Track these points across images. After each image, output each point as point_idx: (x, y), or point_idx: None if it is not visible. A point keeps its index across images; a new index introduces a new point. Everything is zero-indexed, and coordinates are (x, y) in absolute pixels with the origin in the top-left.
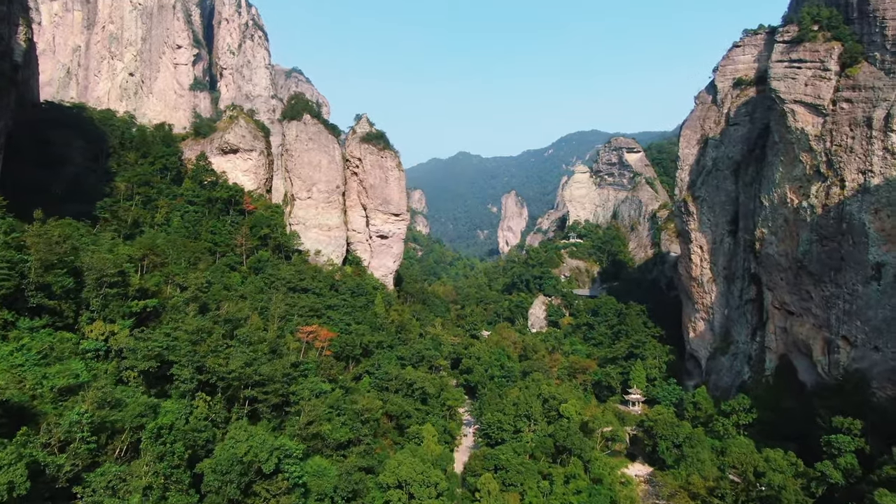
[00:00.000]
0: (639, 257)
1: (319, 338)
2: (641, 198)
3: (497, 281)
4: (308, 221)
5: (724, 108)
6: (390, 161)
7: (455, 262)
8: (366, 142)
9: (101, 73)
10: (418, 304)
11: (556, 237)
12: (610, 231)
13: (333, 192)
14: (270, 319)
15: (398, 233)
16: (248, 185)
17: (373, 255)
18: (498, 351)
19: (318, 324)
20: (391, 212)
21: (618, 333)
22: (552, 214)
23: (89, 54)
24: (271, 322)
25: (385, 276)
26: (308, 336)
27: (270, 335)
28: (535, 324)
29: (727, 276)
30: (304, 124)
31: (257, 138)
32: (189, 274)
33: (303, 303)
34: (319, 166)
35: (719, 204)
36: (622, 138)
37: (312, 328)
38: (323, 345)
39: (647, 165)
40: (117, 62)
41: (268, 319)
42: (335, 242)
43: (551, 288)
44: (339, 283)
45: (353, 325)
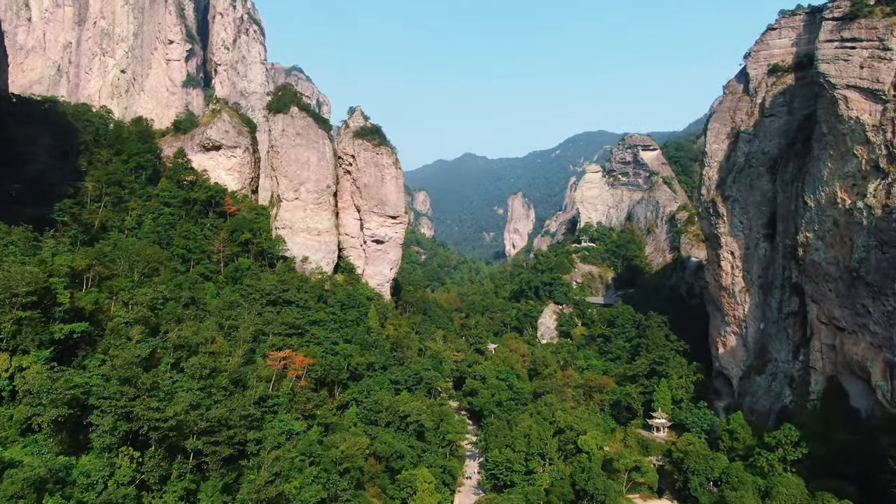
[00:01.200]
0: (656, 262)
1: (294, 364)
2: (658, 198)
3: (504, 287)
4: (295, 225)
5: (757, 97)
6: (386, 158)
7: (460, 265)
8: (359, 137)
9: (92, 70)
10: (418, 314)
11: (567, 240)
12: (624, 234)
13: (323, 192)
14: (237, 341)
15: (395, 237)
16: (231, 184)
17: (367, 262)
18: (506, 370)
19: (299, 343)
20: (387, 214)
21: (637, 347)
22: (560, 216)
23: (80, 51)
24: (237, 345)
25: (381, 284)
26: (279, 364)
27: (233, 363)
28: (546, 334)
29: (763, 286)
30: (292, 117)
31: (242, 134)
32: (139, 289)
33: (283, 318)
34: (308, 164)
35: (753, 204)
36: (637, 135)
37: (285, 353)
38: (298, 373)
39: (663, 164)
40: (109, 59)
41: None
42: (325, 248)
43: (562, 295)
44: (327, 293)
45: (341, 343)
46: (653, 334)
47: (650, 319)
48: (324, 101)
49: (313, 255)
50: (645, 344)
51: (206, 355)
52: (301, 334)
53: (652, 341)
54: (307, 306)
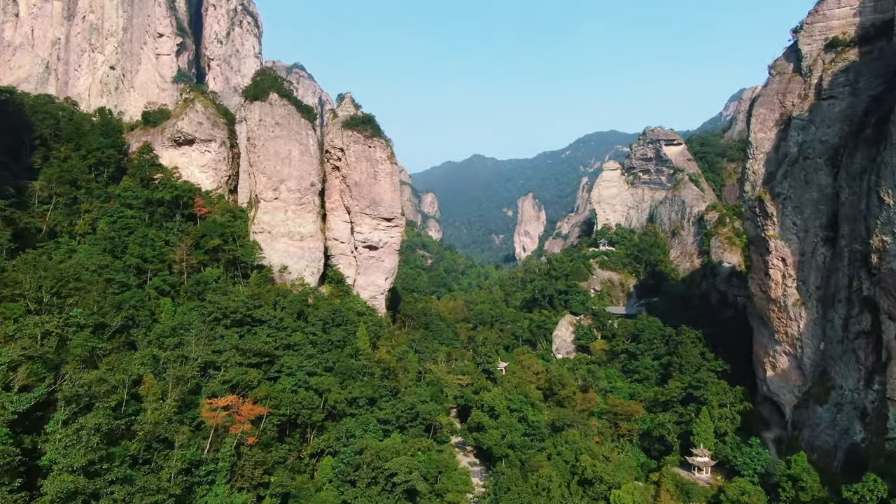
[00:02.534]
0: (683, 268)
1: (241, 415)
2: (684, 197)
3: (515, 295)
4: (274, 229)
5: (812, 77)
6: (380, 151)
7: (468, 270)
8: (349, 128)
9: (81, 67)
10: (419, 330)
11: (582, 244)
12: (647, 237)
13: (307, 191)
14: (171, 381)
15: (391, 242)
16: (206, 183)
17: (359, 271)
18: (518, 398)
19: (261, 377)
20: (381, 216)
21: (668, 367)
22: (573, 218)
23: (69, 47)
24: (171, 386)
25: (374, 297)
26: (216, 417)
27: (157, 414)
28: (561, 348)
29: (823, 299)
30: (270, 105)
31: (217, 126)
32: (33, 317)
33: (246, 344)
34: (289, 158)
35: (809, 203)
36: (659, 129)
37: (227, 400)
38: (243, 428)
39: (689, 160)
40: (98, 55)
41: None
42: (309, 255)
43: (579, 305)
44: (309, 309)
45: (320, 373)
46: (686, 352)
47: (682, 334)
48: (326, 99)
49: (295, 264)
50: (677, 363)
51: (103, 411)
52: (270, 362)
53: (685, 360)
54: (282, 326)
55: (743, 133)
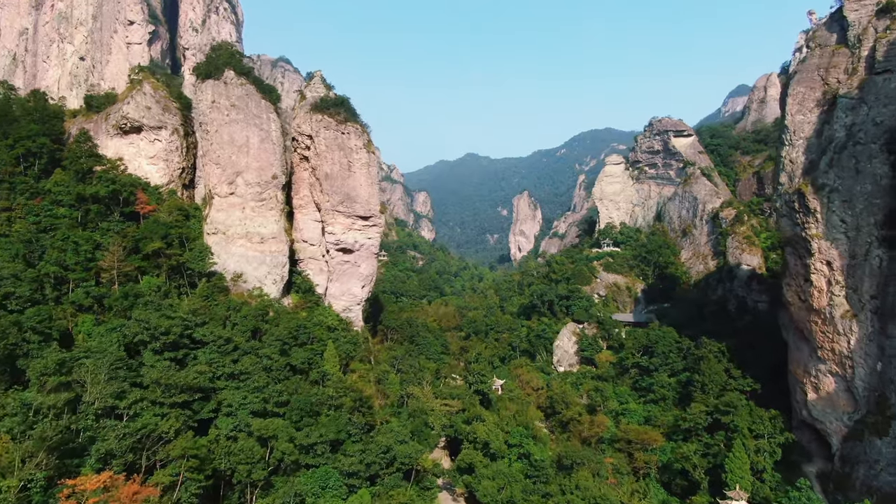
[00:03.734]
0: (696, 270)
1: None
2: (696, 193)
3: (511, 301)
4: (230, 229)
5: (861, 49)
6: (355, 139)
7: (461, 272)
8: (319, 111)
9: (50, 58)
10: (404, 343)
11: (584, 244)
12: (655, 237)
13: (268, 184)
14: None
15: (368, 244)
16: (155, 177)
17: (331, 279)
18: (518, 432)
19: (185, 420)
20: (357, 213)
21: (687, 385)
22: (570, 217)
23: (37, 38)
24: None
25: (349, 308)
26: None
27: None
28: (563, 360)
29: (879, 310)
30: (225, 84)
31: (169, 111)
32: None
33: (173, 378)
34: (246, 147)
35: (862, 196)
36: (667, 119)
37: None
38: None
39: (700, 153)
40: (67, 45)
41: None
42: (270, 260)
43: (582, 311)
44: (267, 326)
45: (271, 409)
46: (709, 369)
47: (703, 348)
48: None
49: (254, 271)
50: (699, 382)
51: None
52: (205, 398)
53: (708, 378)
54: (228, 349)
55: (758, 124)
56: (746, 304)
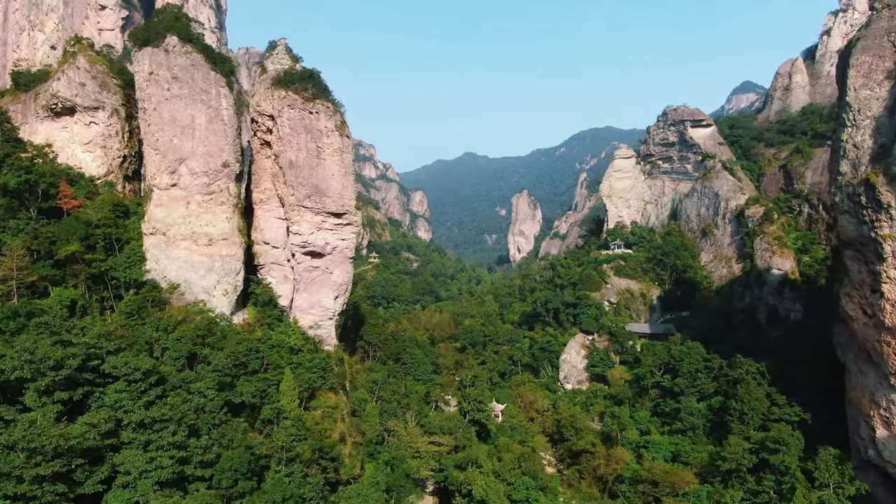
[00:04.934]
0: (718, 275)
1: None
2: (717, 189)
3: (512, 308)
4: (172, 229)
5: None
6: (325, 120)
7: (458, 274)
8: (282, 86)
9: (20, 47)
10: (388, 362)
11: (590, 245)
12: (672, 238)
13: (218, 174)
14: None
15: (342, 246)
16: (91, 166)
17: (297, 288)
18: (524, 484)
19: None
20: (328, 210)
21: (720, 412)
22: (571, 216)
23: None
24: None
25: (318, 323)
26: None
27: None
28: (571, 376)
29: None
30: (166, 52)
31: (108, 89)
32: None
33: (44, 438)
34: (192, 128)
35: None
36: (683, 108)
37: None
38: None
39: (720, 144)
40: (38, 33)
41: None
42: (221, 267)
43: (591, 321)
44: (207, 351)
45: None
46: (748, 394)
47: (738, 368)
48: None
49: (201, 280)
50: (737, 410)
51: None
52: (98, 459)
53: (748, 405)
54: (145, 386)
55: (782, 113)
56: (778, 313)
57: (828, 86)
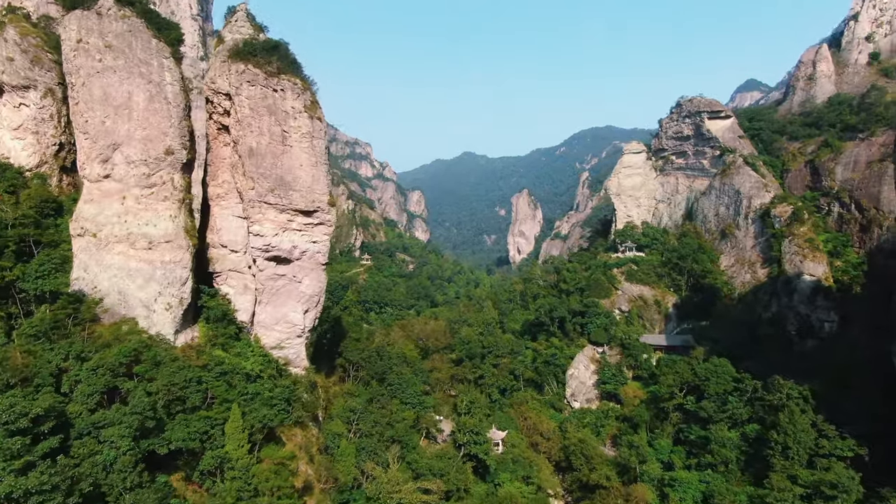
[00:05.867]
0: (740, 281)
1: None
2: (738, 186)
3: (513, 315)
4: (104, 229)
5: None
6: (292, 99)
7: (455, 276)
8: (241, 59)
9: None
10: (372, 383)
11: (597, 247)
12: (688, 240)
13: (161, 163)
14: None
15: (313, 250)
16: (21, 156)
17: (260, 300)
18: None
19: None
20: (295, 206)
21: (757, 443)
22: (573, 216)
23: None
24: None
25: (285, 342)
26: None
27: None
28: (579, 393)
29: None
30: (99, 16)
31: (41, 65)
32: None
33: None
34: (128, 108)
35: None
36: (700, 98)
37: None
38: None
39: (740, 138)
40: None
41: None
42: (163, 275)
43: (601, 331)
44: (129, 385)
45: None
46: (792, 424)
47: (778, 391)
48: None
49: (139, 291)
50: (778, 443)
51: None
52: None
53: (792, 437)
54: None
55: (807, 105)
56: (811, 323)
57: (856, 75)
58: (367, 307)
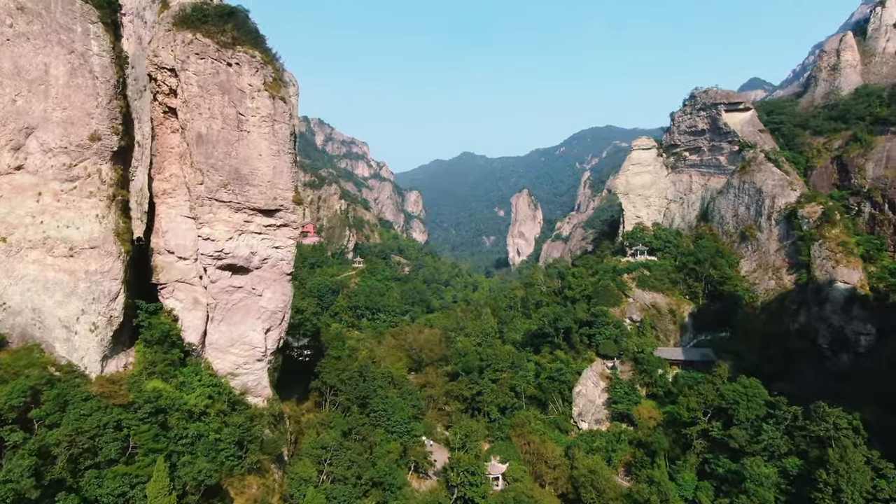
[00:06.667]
0: (764, 288)
1: None
2: (760, 184)
3: (513, 324)
4: (16, 232)
5: None
6: (249, 76)
7: (452, 279)
8: (189, 27)
9: None
10: (353, 409)
11: (603, 250)
12: (705, 243)
13: (85, 152)
14: None
15: (276, 257)
16: None
17: (212, 318)
18: None
19: None
20: (254, 205)
21: (801, 482)
22: (575, 217)
23: None
24: None
25: (242, 367)
26: None
27: None
28: (587, 413)
29: None
30: None
31: None
32: None
33: None
34: (45, 84)
35: None
36: (715, 90)
37: None
38: None
39: (761, 132)
40: None
41: None
42: (88, 290)
43: (611, 344)
44: (41, 426)
45: None
46: (844, 462)
47: (822, 419)
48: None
49: (58, 308)
50: (829, 483)
51: None
52: None
53: (844, 478)
54: None
55: (831, 97)
56: (845, 336)
57: (884, 64)
58: (358, 313)
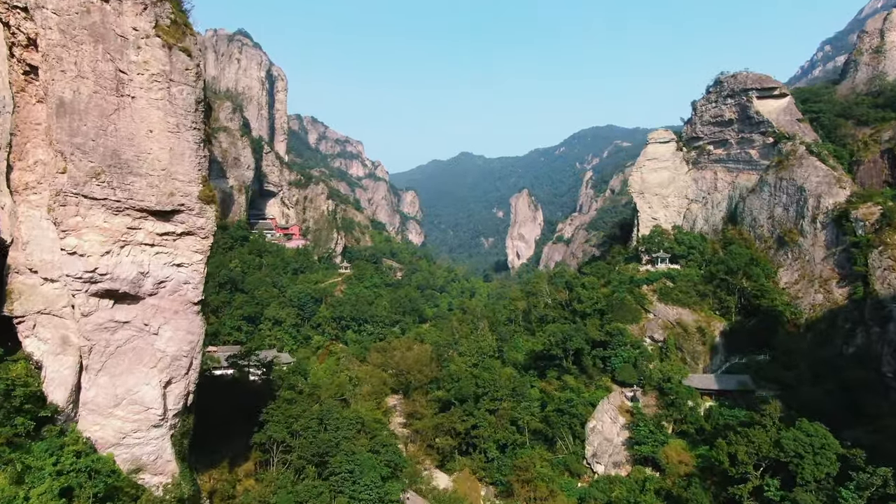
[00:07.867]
0: (808, 302)
1: None
2: (803, 182)
3: (514, 340)
4: None
5: None
6: (133, 15)
7: (448, 285)
8: None
9: None
10: (306, 471)
11: (613, 256)
12: (737, 250)
13: None
14: None
15: (179, 279)
16: None
17: (88, 366)
18: None
19: None
20: (141, 203)
21: None
22: (577, 219)
23: None
24: None
25: (132, 436)
26: None
27: None
28: (603, 454)
29: None
30: None
31: None
32: None
33: None
34: None
35: None
36: (746, 73)
37: None
38: None
39: (800, 121)
40: None
41: None
42: None
43: (629, 369)
44: None
45: None
46: None
47: None
48: (278, 74)
49: None
50: None
51: None
52: None
53: None
54: None
55: (874, 82)
56: None
57: None
58: (343, 324)
